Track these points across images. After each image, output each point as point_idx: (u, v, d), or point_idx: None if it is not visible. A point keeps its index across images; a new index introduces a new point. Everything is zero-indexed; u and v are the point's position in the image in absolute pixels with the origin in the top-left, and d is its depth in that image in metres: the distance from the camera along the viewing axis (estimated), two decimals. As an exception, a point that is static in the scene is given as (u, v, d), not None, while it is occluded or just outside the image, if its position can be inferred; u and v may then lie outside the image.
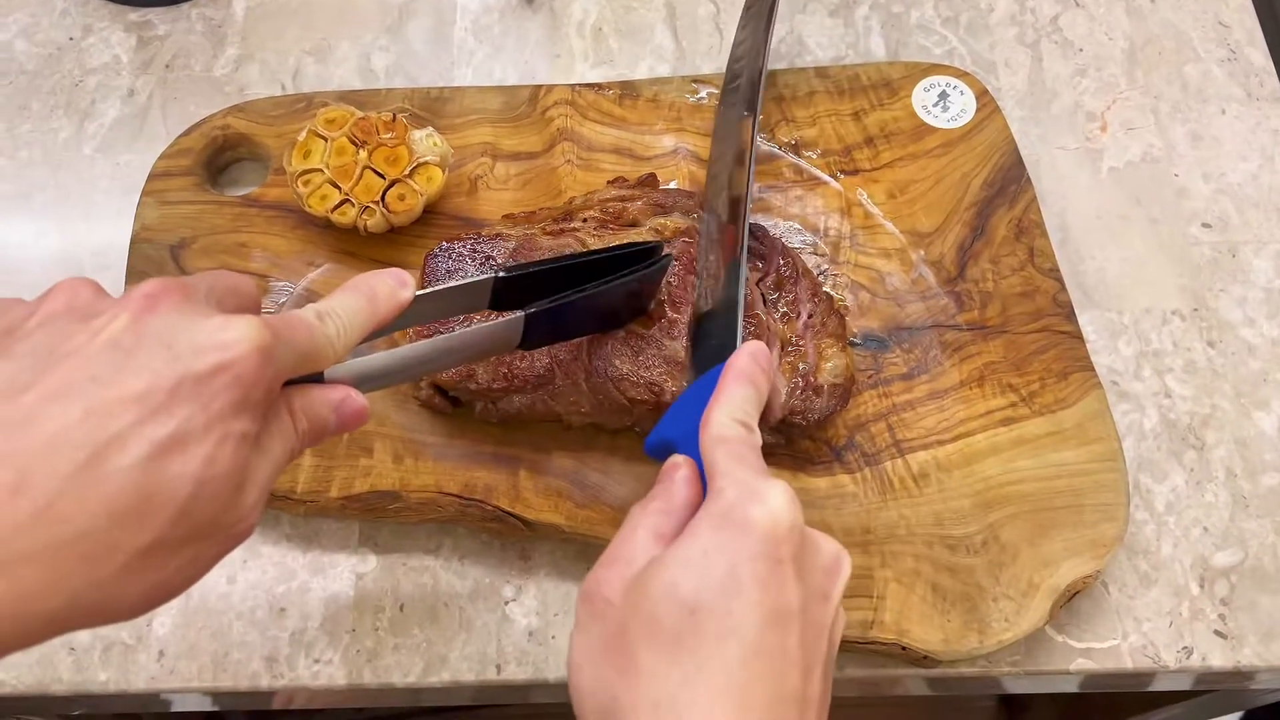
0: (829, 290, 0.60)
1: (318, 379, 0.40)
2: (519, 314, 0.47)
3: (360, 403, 0.40)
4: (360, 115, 0.61)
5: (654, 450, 0.44)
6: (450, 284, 0.47)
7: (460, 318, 0.53)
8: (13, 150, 0.69)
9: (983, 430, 0.57)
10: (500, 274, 0.48)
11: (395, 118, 0.61)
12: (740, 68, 0.67)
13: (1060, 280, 0.62)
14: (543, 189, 0.65)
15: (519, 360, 0.54)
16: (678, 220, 0.58)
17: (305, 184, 0.60)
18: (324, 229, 0.62)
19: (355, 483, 0.55)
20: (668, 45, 0.75)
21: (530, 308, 0.47)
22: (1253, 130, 0.71)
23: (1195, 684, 0.58)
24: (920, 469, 0.57)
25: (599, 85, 0.68)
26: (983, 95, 0.68)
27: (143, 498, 0.31)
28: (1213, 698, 0.79)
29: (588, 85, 0.68)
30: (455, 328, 0.53)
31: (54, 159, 0.69)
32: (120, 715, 0.83)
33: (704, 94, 0.68)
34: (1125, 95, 0.73)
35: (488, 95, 0.68)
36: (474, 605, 0.56)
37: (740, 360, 0.43)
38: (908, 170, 0.66)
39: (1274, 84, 0.73)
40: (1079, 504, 0.55)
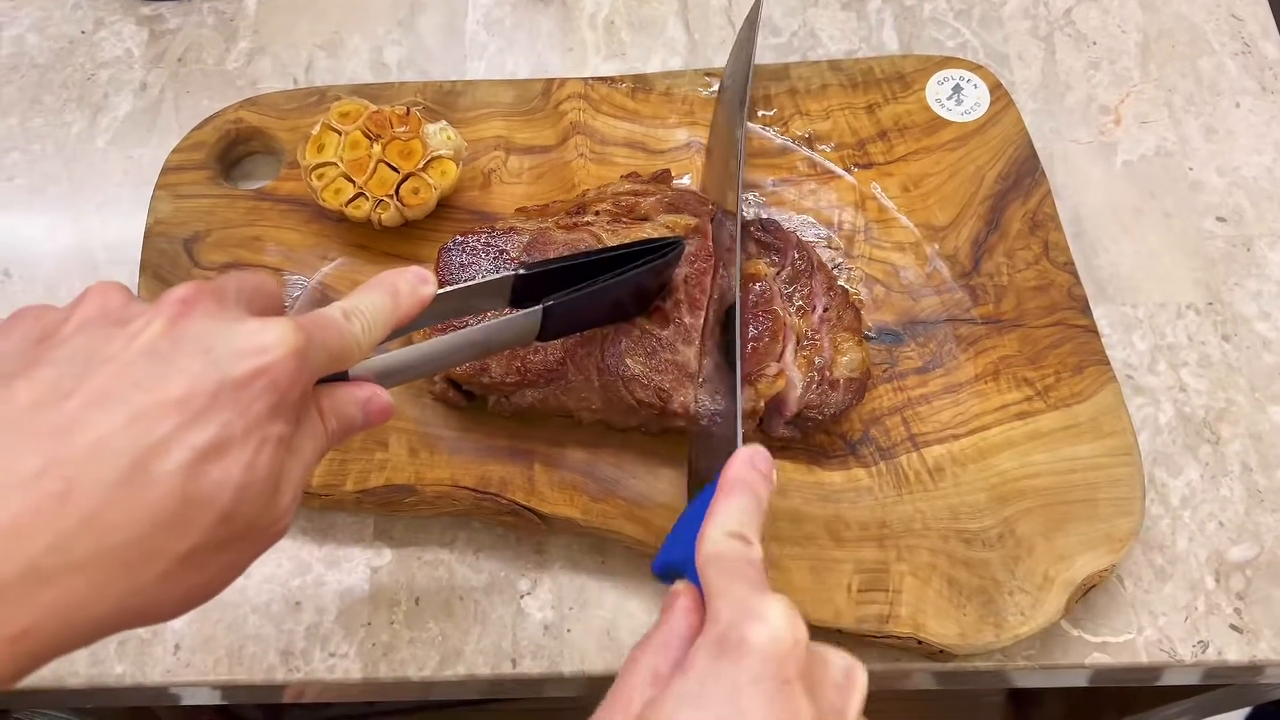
0: (843, 284, 0.60)
1: (342, 376, 0.40)
2: (537, 307, 0.47)
3: (386, 400, 0.41)
4: (374, 109, 0.61)
5: (662, 574, 0.41)
6: (471, 282, 0.47)
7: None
8: (25, 144, 0.69)
9: (998, 424, 0.57)
10: (521, 271, 0.48)
11: (409, 111, 0.61)
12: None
13: (1075, 274, 0.61)
14: (556, 183, 0.65)
15: (532, 355, 0.54)
16: (689, 218, 0.58)
17: (319, 177, 0.60)
18: (338, 222, 0.62)
19: (371, 476, 0.55)
20: (680, 38, 0.74)
21: (548, 300, 0.48)
22: (1267, 124, 0.71)
23: (1208, 678, 0.58)
24: (935, 463, 0.56)
25: (612, 79, 0.68)
26: (996, 88, 0.68)
27: (185, 504, 0.31)
28: (1223, 693, 0.79)
29: (600, 79, 0.68)
30: (470, 322, 0.53)
31: (67, 152, 0.69)
32: (133, 709, 0.84)
33: (717, 87, 0.68)
34: (1139, 88, 0.73)
35: (500, 89, 0.68)
36: (489, 599, 0.56)
37: (734, 468, 0.40)
38: (922, 164, 0.65)
39: (1288, 77, 0.73)
40: (1094, 498, 0.55)
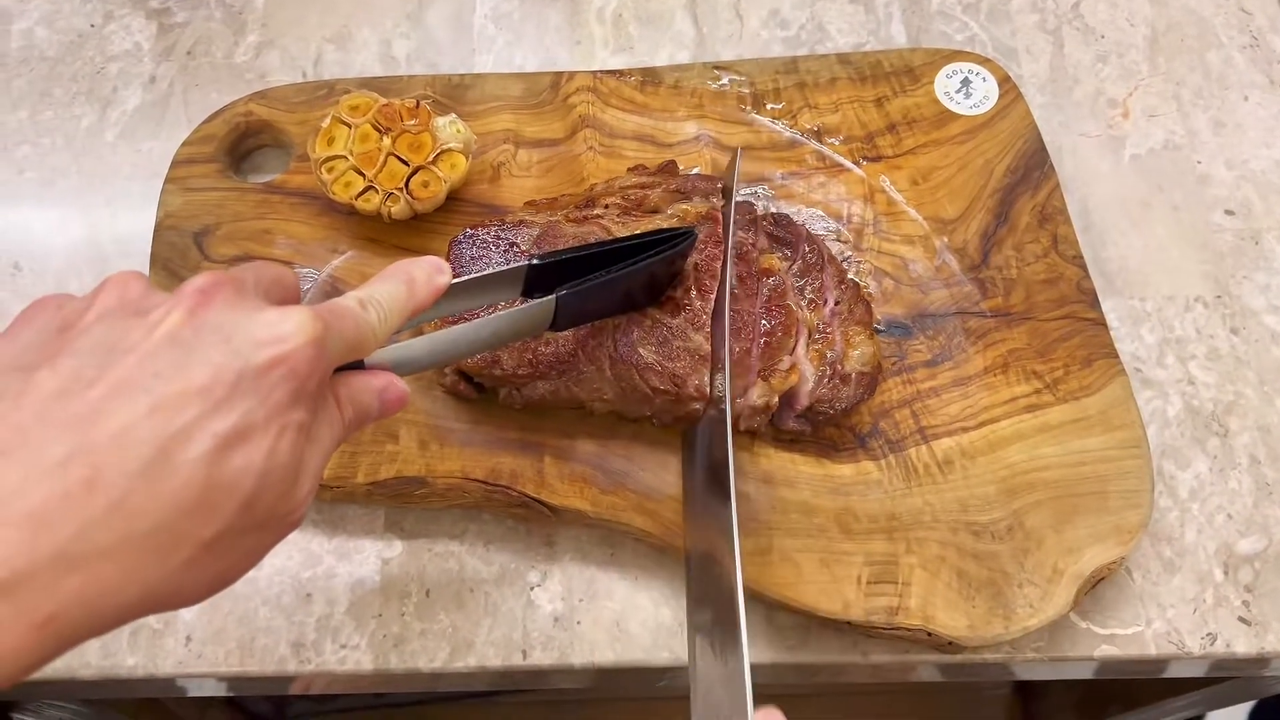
0: (853, 278, 0.60)
1: (358, 365, 0.41)
2: (550, 297, 0.48)
3: (402, 388, 0.41)
4: (384, 102, 0.61)
5: None
6: (485, 272, 0.47)
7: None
8: (35, 137, 0.69)
9: (1007, 417, 0.57)
10: (535, 261, 0.48)
11: (419, 104, 0.61)
12: None
13: (1084, 267, 0.62)
14: (565, 176, 0.65)
15: (544, 346, 0.54)
16: (698, 205, 0.58)
17: (329, 170, 0.60)
18: (347, 215, 0.62)
19: (381, 468, 0.55)
20: (688, 32, 0.74)
21: (561, 290, 0.48)
22: (1275, 117, 0.71)
23: (1215, 671, 0.59)
24: (945, 456, 0.57)
25: (620, 72, 0.68)
26: (1005, 82, 0.68)
27: (209, 490, 0.32)
28: (1229, 686, 0.79)
29: (609, 72, 0.68)
30: (483, 313, 0.53)
31: (76, 146, 0.69)
32: (142, 701, 0.84)
33: (725, 80, 0.68)
34: (1147, 82, 0.73)
35: (509, 82, 0.68)
36: (499, 591, 0.56)
37: None
38: (930, 157, 0.65)
39: (1297, 70, 0.73)
40: (1103, 490, 0.55)
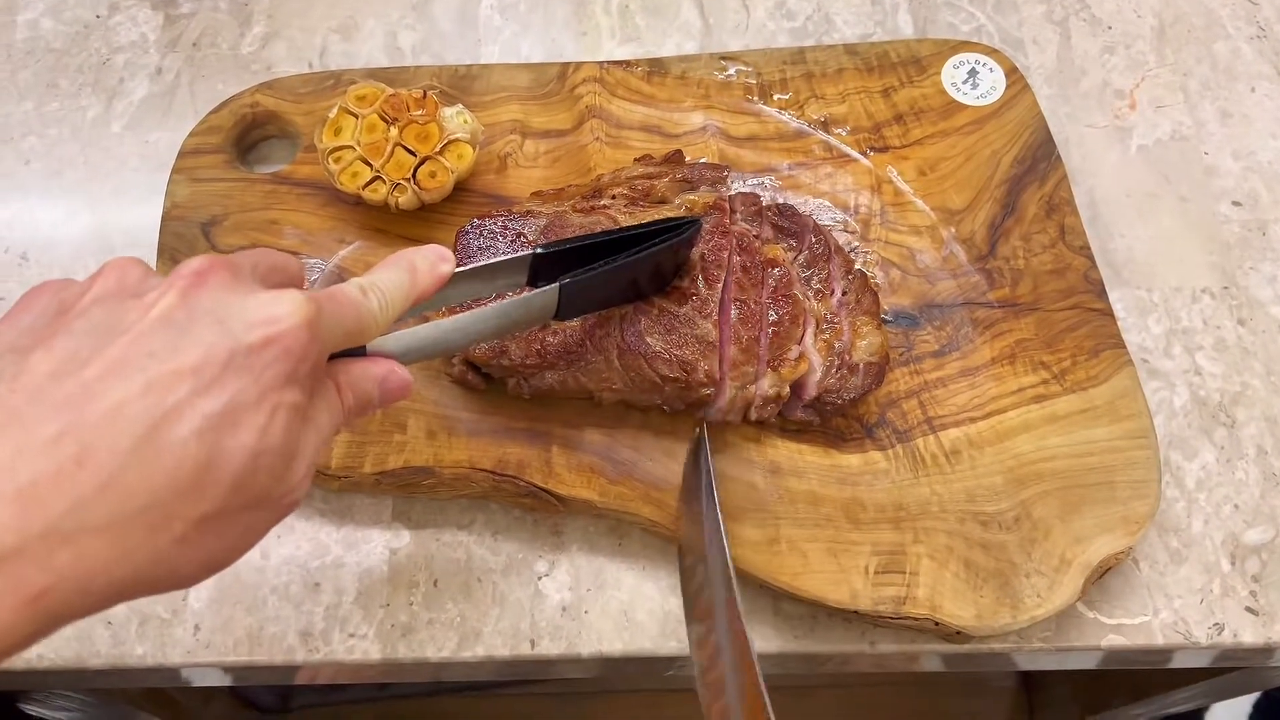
0: (860, 268, 0.60)
1: (360, 353, 0.41)
2: (554, 285, 0.48)
3: (404, 377, 0.41)
4: (391, 92, 0.61)
5: None
6: (490, 260, 0.47)
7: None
8: (42, 128, 0.69)
9: (1014, 407, 0.57)
10: (539, 250, 0.48)
11: (426, 95, 0.61)
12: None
13: (1091, 257, 0.61)
14: (572, 166, 0.65)
15: (551, 336, 0.54)
16: (705, 194, 0.58)
17: (336, 161, 0.60)
18: (354, 206, 0.62)
19: (389, 458, 0.56)
20: (695, 22, 0.74)
21: (564, 278, 0.48)
22: (1283, 108, 0.71)
23: (1221, 661, 0.59)
24: (952, 446, 0.57)
25: (627, 62, 0.68)
26: (1012, 73, 0.68)
27: (201, 468, 0.32)
28: (1233, 677, 0.79)
29: (616, 63, 0.68)
30: (485, 302, 0.53)
31: (83, 137, 0.69)
32: (148, 691, 0.84)
33: (732, 71, 0.68)
34: (1154, 73, 0.73)
35: (516, 73, 0.68)
36: (507, 580, 0.56)
37: None
38: (938, 147, 0.65)
39: (1304, 61, 0.73)
40: (1111, 481, 0.55)
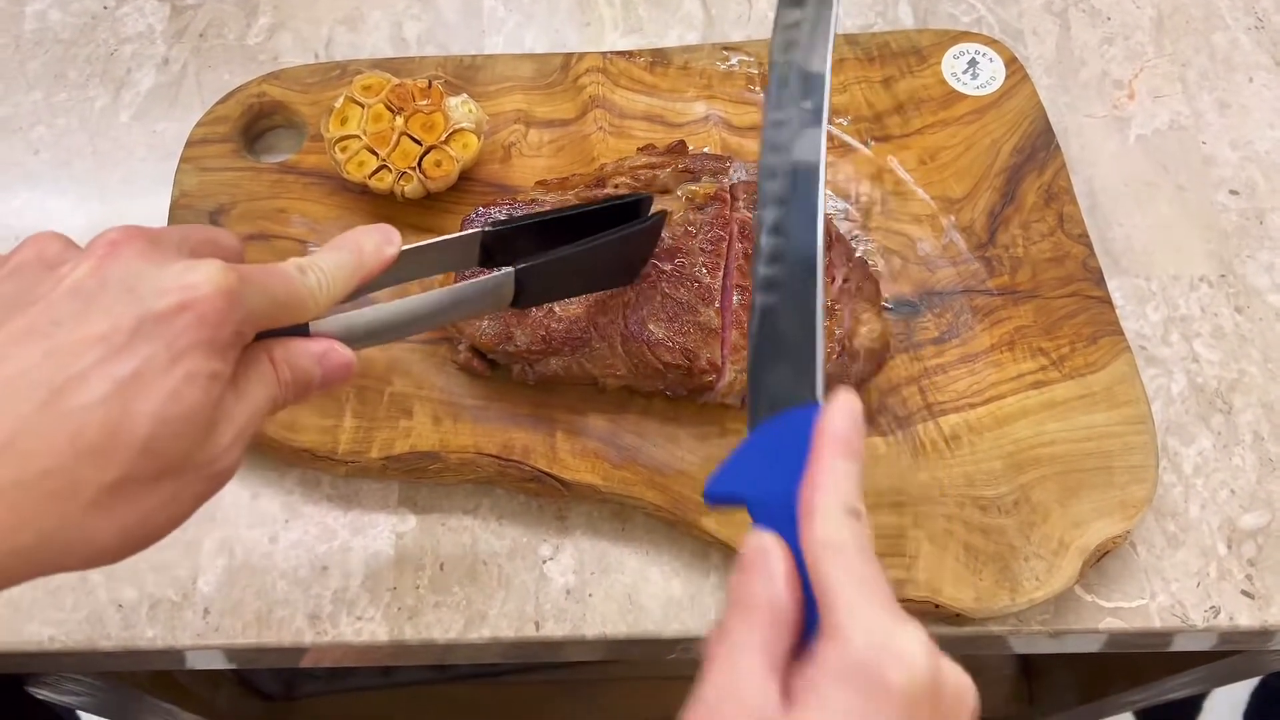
0: (861, 256, 0.61)
1: (304, 332, 0.40)
2: (509, 270, 0.47)
3: (345, 355, 0.40)
4: (397, 82, 0.62)
5: (717, 502, 0.37)
6: (438, 239, 0.47)
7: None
8: (50, 119, 0.70)
9: (1013, 393, 0.58)
10: (488, 228, 0.48)
11: (431, 84, 0.62)
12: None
13: (1089, 245, 0.62)
14: (576, 156, 0.65)
15: (555, 323, 0.55)
16: (708, 185, 0.59)
17: (342, 150, 0.61)
18: (361, 194, 0.63)
19: (396, 444, 0.56)
20: (697, 13, 0.75)
21: (520, 263, 0.47)
22: (1280, 98, 0.72)
23: (1219, 644, 0.59)
24: (952, 431, 0.57)
25: (630, 53, 0.69)
26: (1011, 63, 0.68)
27: (106, 434, 0.32)
28: (1232, 661, 0.79)
29: (619, 53, 0.69)
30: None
31: (91, 127, 0.70)
32: (154, 675, 0.85)
33: (734, 61, 0.68)
34: (1153, 63, 0.73)
35: (520, 63, 0.68)
36: (512, 564, 0.57)
37: (838, 422, 0.35)
38: (938, 137, 0.66)
39: (1302, 51, 0.74)
40: (1109, 466, 0.56)
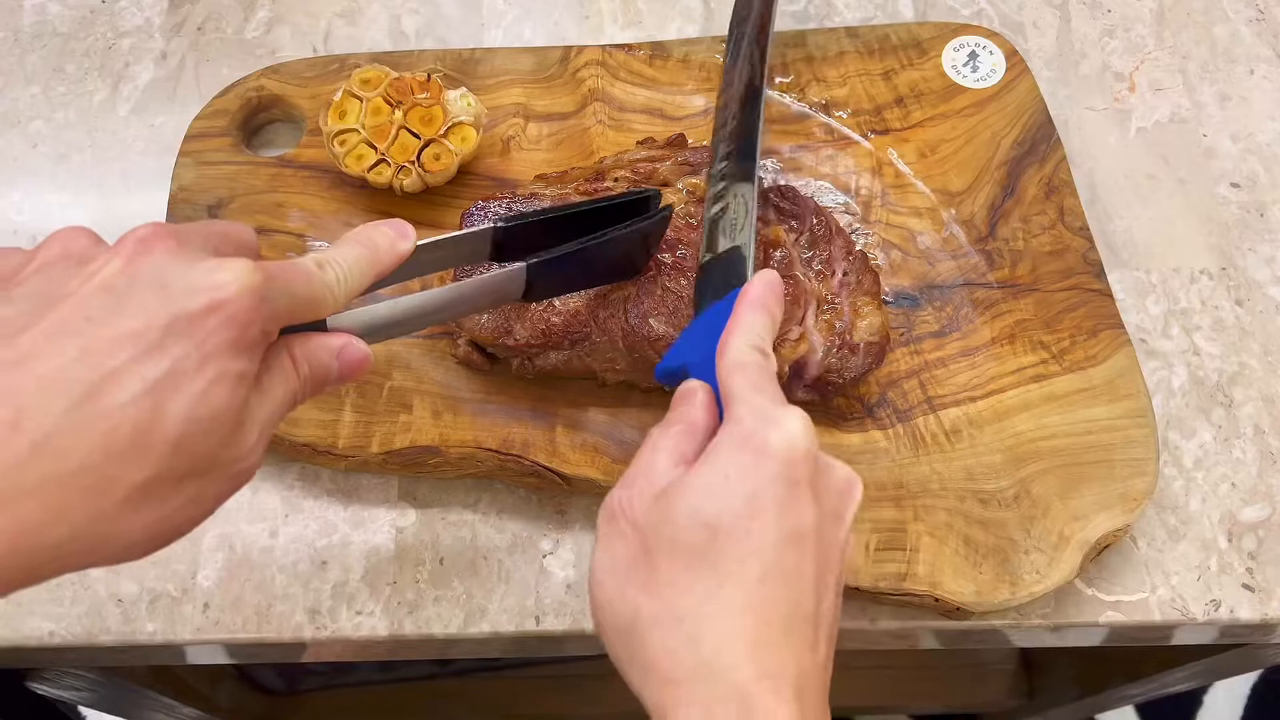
0: (861, 249, 0.61)
1: (321, 328, 0.41)
2: (520, 265, 0.48)
3: (362, 350, 0.41)
4: (395, 75, 0.62)
5: (666, 376, 0.46)
6: (451, 234, 0.47)
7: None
8: (49, 112, 0.70)
9: (1014, 387, 0.58)
10: (499, 224, 0.48)
11: (430, 78, 0.62)
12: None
13: (1090, 238, 0.62)
14: (575, 149, 0.65)
15: (555, 317, 0.54)
16: (707, 179, 0.59)
17: (341, 144, 0.61)
18: (360, 189, 0.63)
19: (395, 438, 0.56)
20: (696, 6, 0.75)
21: (531, 259, 0.48)
22: (1281, 90, 0.72)
23: (1220, 637, 0.59)
24: (952, 425, 0.57)
25: (629, 46, 0.68)
26: (1012, 55, 0.68)
27: (139, 432, 0.32)
28: (1233, 655, 0.79)
29: (618, 46, 0.68)
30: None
31: (89, 121, 0.69)
32: (155, 670, 0.85)
33: (734, 54, 0.68)
34: (1153, 56, 0.73)
35: (519, 56, 0.68)
36: (512, 558, 0.57)
37: (756, 288, 0.44)
38: (938, 130, 0.66)
39: (1303, 44, 0.74)
40: (1109, 459, 0.56)
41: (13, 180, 0.67)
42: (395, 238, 0.43)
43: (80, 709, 1.18)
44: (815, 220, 0.59)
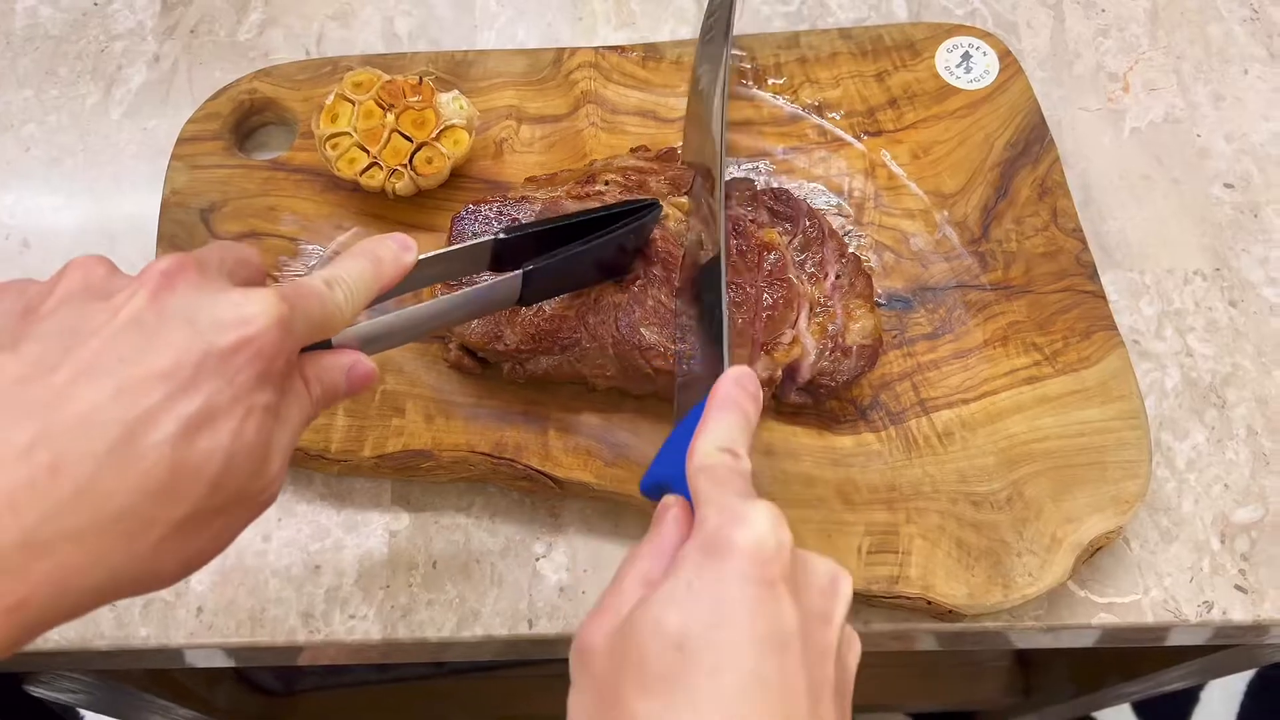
0: (854, 251, 0.61)
1: (326, 344, 0.41)
2: (517, 272, 0.49)
3: (369, 366, 0.41)
4: (387, 78, 0.62)
5: (649, 493, 0.43)
6: (452, 248, 0.48)
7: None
8: (41, 115, 0.70)
9: (1007, 389, 0.58)
10: (501, 236, 0.49)
11: (422, 81, 0.62)
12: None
13: (1083, 240, 0.62)
14: (568, 151, 0.65)
15: (545, 322, 0.54)
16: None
17: (333, 147, 0.61)
18: (352, 192, 0.63)
19: (388, 442, 0.56)
20: (689, 8, 0.75)
21: (527, 265, 0.49)
22: (1275, 90, 0.72)
23: (1213, 639, 0.59)
24: (945, 427, 0.57)
25: (622, 48, 0.68)
26: (1005, 56, 0.68)
27: (176, 473, 0.32)
28: (1227, 655, 0.80)
29: (611, 48, 0.68)
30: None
31: (82, 124, 0.69)
32: (152, 673, 0.85)
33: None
34: (1147, 56, 0.73)
35: (512, 58, 0.68)
36: (505, 562, 0.57)
37: (724, 387, 0.41)
38: (931, 131, 0.66)
39: (1297, 43, 0.73)
40: (1102, 461, 0.56)
41: (5, 184, 0.67)
42: (399, 251, 0.43)
43: (80, 711, 1.19)
44: (808, 223, 0.59)
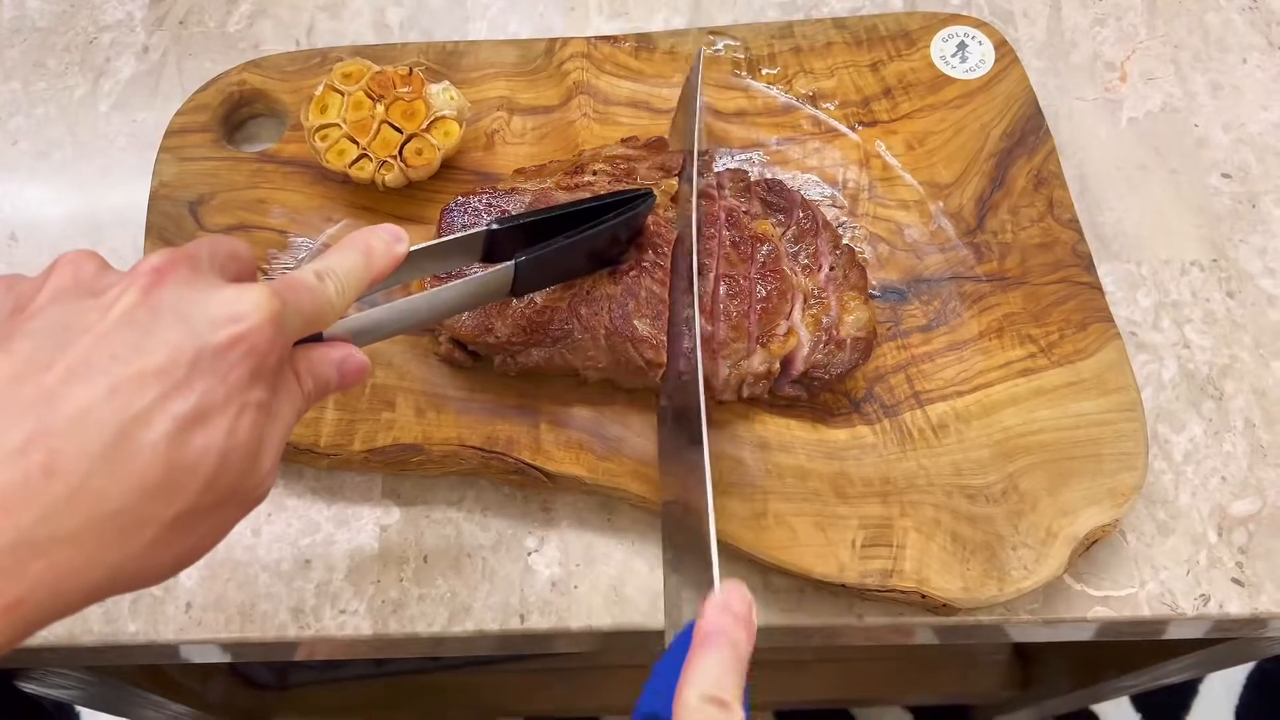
0: (848, 243, 0.60)
1: (316, 336, 0.41)
2: (509, 263, 0.48)
3: (361, 359, 0.41)
4: (377, 69, 0.61)
5: None
6: (444, 239, 0.48)
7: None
8: (29, 108, 0.69)
9: (1002, 381, 0.58)
10: (494, 227, 0.48)
11: (412, 72, 0.61)
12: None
13: (1079, 231, 0.61)
14: (559, 143, 0.65)
15: (537, 314, 0.54)
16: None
17: (323, 139, 0.60)
18: (341, 184, 0.62)
19: (378, 436, 0.56)
20: (683, -3, 0.74)
21: (519, 256, 0.48)
22: (1274, 79, 0.71)
23: (1210, 632, 0.59)
24: (939, 420, 0.57)
25: (615, 38, 0.68)
26: (1001, 45, 0.67)
27: (170, 471, 0.32)
28: (1225, 648, 0.79)
29: (603, 38, 0.68)
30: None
31: (70, 116, 0.69)
32: (145, 668, 0.85)
33: (720, 45, 0.67)
34: (1145, 45, 0.72)
35: (503, 49, 0.67)
36: (497, 556, 0.56)
37: (709, 618, 0.38)
38: (926, 121, 0.65)
39: (1295, 32, 0.73)
40: (1098, 453, 0.55)
41: (-7, 177, 0.67)
42: (390, 242, 0.42)
43: (76, 706, 1.18)
44: (802, 214, 0.58)
